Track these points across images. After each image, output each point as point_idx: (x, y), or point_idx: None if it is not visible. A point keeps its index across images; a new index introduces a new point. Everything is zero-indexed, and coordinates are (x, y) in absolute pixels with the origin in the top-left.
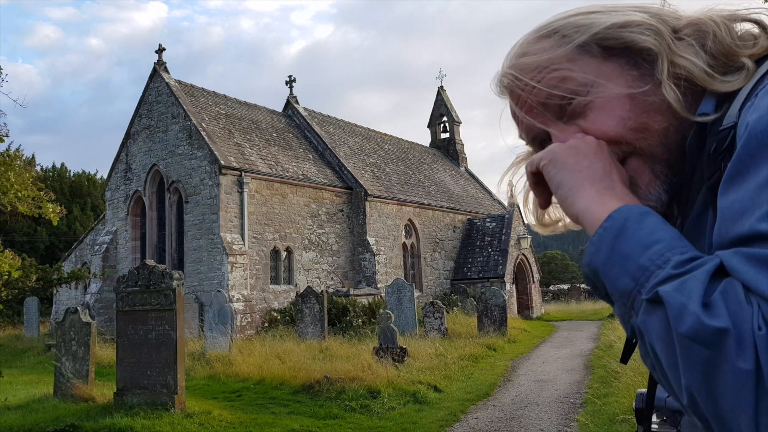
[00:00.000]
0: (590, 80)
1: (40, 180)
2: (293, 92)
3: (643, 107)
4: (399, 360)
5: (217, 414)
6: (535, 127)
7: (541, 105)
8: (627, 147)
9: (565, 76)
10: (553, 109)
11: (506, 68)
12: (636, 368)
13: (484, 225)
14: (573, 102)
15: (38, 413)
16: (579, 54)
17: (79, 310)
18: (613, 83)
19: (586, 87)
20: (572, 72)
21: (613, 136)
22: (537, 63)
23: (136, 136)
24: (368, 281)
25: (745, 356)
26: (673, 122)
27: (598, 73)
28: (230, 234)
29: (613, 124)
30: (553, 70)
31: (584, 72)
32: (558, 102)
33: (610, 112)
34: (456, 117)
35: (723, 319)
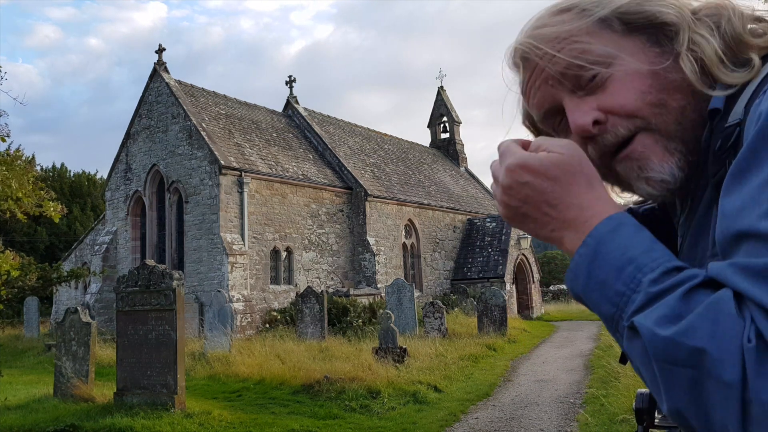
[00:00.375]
0: (612, 53)
1: (41, 180)
2: (293, 92)
3: (663, 84)
4: (399, 360)
5: (217, 414)
6: (549, 99)
7: (558, 76)
8: (642, 122)
9: (585, 48)
10: (570, 81)
11: (523, 38)
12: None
13: (484, 225)
14: (593, 74)
15: (38, 413)
16: (600, 28)
17: (79, 310)
18: (635, 58)
19: (608, 60)
20: (592, 45)
21: (631, 110)
22: (556, 34)
23: (136, 136)
24: (368, 281)
25: (728, 369)
26: (690, 101)
27: (618, 47)
28: (230, 234)
29: (633, 97)
30: (573, 42)
31: (605, 46)
32: (576, 73)
33: (630, 86)
34: (456, 117)
35: (699, 337)
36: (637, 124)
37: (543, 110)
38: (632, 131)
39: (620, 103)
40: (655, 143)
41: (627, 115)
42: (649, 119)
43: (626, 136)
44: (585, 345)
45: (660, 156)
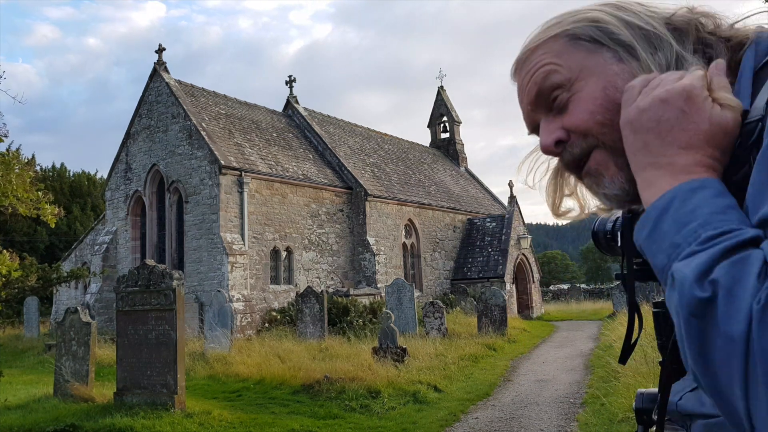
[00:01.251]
0: (574, 76)
1: (40, 180)
2: (293, 92)
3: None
4: (399, 360)
5: (217, 414)
6: (531, 120)
7: (532, 103)
8: (593, 140)
9: (551, 71)
10: (543, 103)
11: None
12: (636, 368)
13: (484, 225)
14: (557, 98)
15: (38, 413)
16: (571, 46)
17: (79, 310)
18: (594, 78)
19: (570, 82)
20: (559, 68)
21: (583, 129)
22: (531, 56)
23: (136, 136)
24: (368, 281)
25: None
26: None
27: (582, 67)
28: (230, 234)
29: (584, 117)
30: (542, 65)
31: (570, 66)
32: (545, 97)
33: (584, 107)
34: (456, 117)
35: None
36: (590, 142)
37: (531, 127)
38: (585, 149)
39: (575, 123)
40: (608, 159)
41: (581, 134)
42: (598, 137)
43: (579, 154)
44: (585, 345)
45: (611, 172)
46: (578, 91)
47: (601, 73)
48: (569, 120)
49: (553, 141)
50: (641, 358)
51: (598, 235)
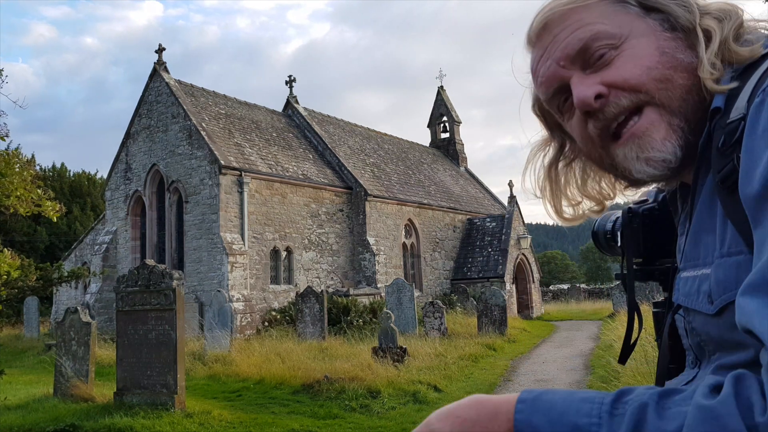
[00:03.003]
0: (623, 34)
1: (40, 179)
2: (293, 92)
3: (671, 63)
4: (399, 360)
5: (217, 414)
6: (558, 77)
7: (569, 54)
8: (645, 96)
9: (599, 29)
10: (580, 61)
11: (538, 17)
12: (636, 368)
13: (484, 225)
14: (603, 55)
15: (38, 413)
16: (615, 8)
17: (79, 309)
18: (645, 39)
19: (619, 41)
20: (605, 26)
21: (635, 84)
22: (570, 9)
23: (136, 136)
24: (368, 281)
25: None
26: (696, 83)
27: (631, 28)
28: (230, 234)
29: (638, 72)
30: (587, 23)
31: (618, 26)
32: (587, 54)
33: (636, 62)
34: (456, 117)
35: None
36: (640, 98)
37: (551, 89)
38: (635, 104)
39: (624, 76)
40: (660, 118)
41: (630, 89)
42: (653, 94)
43: (628, 107)
44: (585, 345)
45: (663, 133)
46: (628, 49)
47: (652, 35)
48: (617, 74)
49: (594, 93)
50: (641, 357)
51: (598, 235)
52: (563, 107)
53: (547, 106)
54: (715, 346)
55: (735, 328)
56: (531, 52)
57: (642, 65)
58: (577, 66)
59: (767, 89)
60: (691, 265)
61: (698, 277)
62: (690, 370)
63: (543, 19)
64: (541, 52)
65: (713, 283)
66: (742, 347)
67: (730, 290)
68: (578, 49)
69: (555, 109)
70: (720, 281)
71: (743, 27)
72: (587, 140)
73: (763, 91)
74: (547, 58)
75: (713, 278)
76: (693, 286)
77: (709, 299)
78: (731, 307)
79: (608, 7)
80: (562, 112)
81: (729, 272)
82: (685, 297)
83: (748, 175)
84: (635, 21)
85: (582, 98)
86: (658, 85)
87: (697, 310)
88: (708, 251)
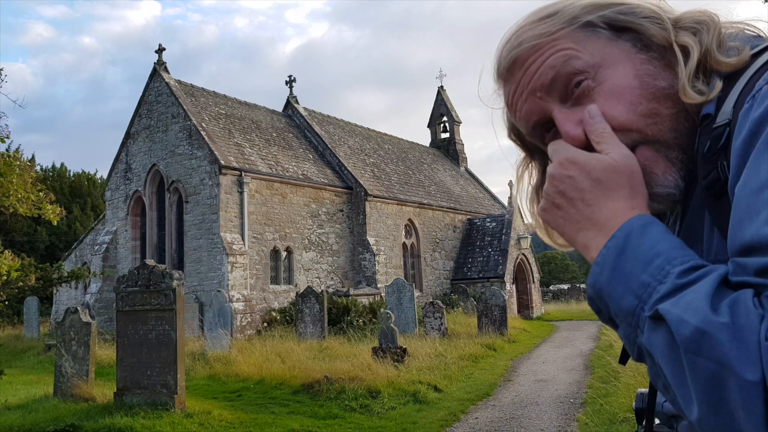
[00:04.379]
0: (597, 62)
1: (40, 180)
2: (293, 92)
3: (653, 92)
4: (399, 360)
5: (217, 414)
6: (537, 111)
7: (544, 84)
8: (638, 135)
9: (570, 55)
10: (558, 92)
11: (506, 52)
12: (636, 368)
13: (484, 225)
14: (580, 84)
15: (38, 413)
16: (586, 34)
17: (79, 310)
18: (621, 66)
19: (594, 69)
20: (578, 52)
21: (623, 123)
22: (539, 44)
23: (136, 136)
24: (368, 281)
25: (750, 367)
26: (681, 108)
27: (604, 55)
28: (230, 234)
29: (624, 110)
30: (557, 51)
31: (591, 54)
32: (563, 84)
33: (619, 98)
34: (456, 117)
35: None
36: (633, 137)
37: (531, 123)
38: (629, 145)
39: (611, 115)
40: (657, 155)
41: (620, 128)
42: (644, 131)
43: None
44: (585, 345)
45: (663, 168)
46: (606, 80)
47: (627, 61)
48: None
49: (582, 132)
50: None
51: None
52: (547, 140)
53: (529, 138)
54: None
55: None
56: (503, 87)
57: (625, 101)
58: (555, 97)
59: (756, 96)
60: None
61: None
62: None
63: (512, 56)
64: (514, 86)
65: None
66: None
67: None
68: (552, 77)
69: (538, 141)
70: None
71: (723, 34)
72: None
73: (752, 97)
74: (521, 91)
75: None
76: None
77: None
78: None
79: (577, 34)
80: (547, 144)
81: None
82: None
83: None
84: (607, 47)
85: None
86: (646, 122)
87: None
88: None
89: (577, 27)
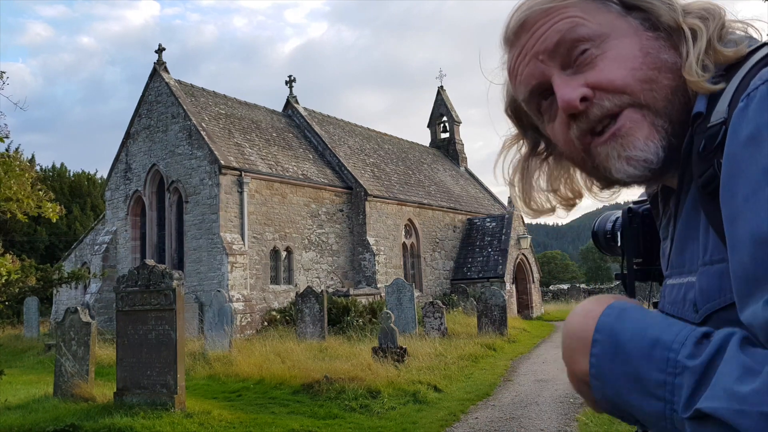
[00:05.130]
0: (605, 32)
1: (40, 180)
2: (293, 92)
3: (656, 63)
4: (399, 360)
5: (217, 414)
6: (537, 75)
7: (548, 48)
8: (630, 98)
9: (578, 23)
10: (561, 57)
11: (516, 16)
12: None
13: (484, 225)
14: (583, 50)
15: (38, 413)
16: (596, 6)
17: (79, 310)
18: (628, 39)
19: (600, 38)
20: (586, 21)
21: (620, 85)
22: (549, 8)
23: (135, 136)
24: (368, 281)
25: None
26: (680, 84)
27: (613, 27)
28: (230, 234)
29: (623, 73)
30: (566, 17)
31: (599, 24)
32: (568, 48)
33: (621, 63)
34: (456, 117)
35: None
36: (625, 100)
37: (530, 87)
38: (620, 106)
39: (609, 78)
40: (643, 119)
41: (615, 91)
42: (638, 95)
43: (612, 109)
44: None
45: (646, 133)
46: (611, 50)
47: (634, 35)
48: (601, 75)
49: (579, 95)
50: None
51: (598, 235)
52: (543, 108)
53: (526, 107)
54: None
55: None
56: (508, 52)
57: (626, 66)
58: (557, 62)
59: (751, 94)
60: (677, 273)
61: (684, 285)
62: None
63: (521, 18)
64: (519, 50)
65: (697, 292)
66: None
67: (714, 299)
68: (556, 41)
69: (534, 110)
70: (704, 290)
71: (725, 27)
72: (570, 143)
73: (747, 96)
74: (525, 54)
75: (697, 287)
76: (679, 294)
77: (694, 308)
78: (715, 317)
79: (588, 4)
80: (542, 113)
81: (712, 281)
82: (671, 305)
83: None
84: (617, 20)
85: (567, 100)
86: (642, 86)
87: (683, 318)
88: (693, 259)
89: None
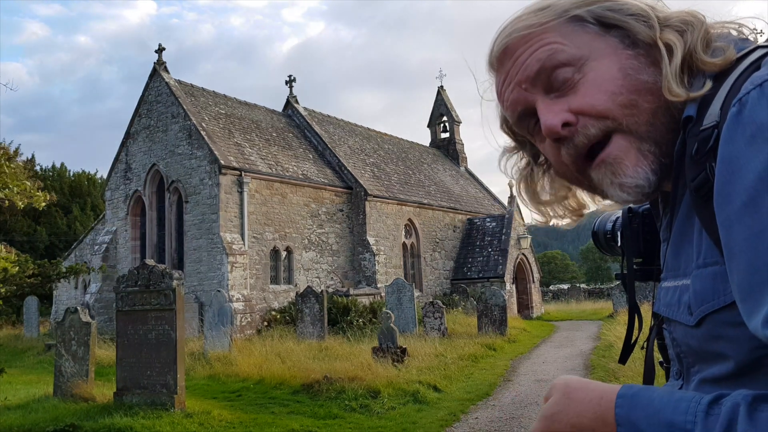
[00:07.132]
0: (584, 55)
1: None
2: (293, 92)
3: (635, 85)
4: (399, 360)
5: (217, 414)
6: (522, 101)
7: (529, 76)
8: (613, 123)
9: (557, 50)
10: (543, 83)
11: (498, 42)
12: (636, 368)
13: (484, 225)
14: (564, 77)
15: (38, 413)
16: (574, 28)
17: (79, 309)
18: (607, 60)
19: (580, 61)
20: (565, 46)
21: (601, 111)
22: (528, 34)
23: (135, 136)
24: (368, 281)
25: None
26: (661, 104)
27: (591, 49)
28: (230, 234)
29: (603, 98)
30: (545, 45)
31: (577, 47)
32: (548, 75)
33: (600, 87)
34: (456, 117)
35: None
36: (608, 125)
37: (516, 113)
38: (603, 131)
39: (591, 103)
40: (630, 146)
41: (598, 116)
42: (620, 120)
43: (597, 135)
44: (585, 345)
45: (634, 160)
46: (590, 71)
47: (613, 55)
48: (582, 100)
49: (560, 121)
50: (641, 358)
51: (598, 235)
52: (533, 130)
53: (517, 129)
54: (694, 357)
55: (714, 340)
56: (494, 77)
57: (606, 90)
58: (540, 89)
59: (743, 99)
60: (672, 275)
61: (679, 288)
62: (674, 381)
63: (503, 44)
64: (503, 77)
65: (692, 295)
66: (721, 359)
67: (708, 302)
68: (537, 70)
69: (525, 132)
70: (698, 292)
71: (710, 33)
72: (562, 165)
73: (739, 101)
74: (509, 82)
75: (692, 289)
76: (674, 296)
77: (689, 310)
78: (710, 319)
79: (566, 27)
80: (533, 134)
81: (705, 283)
82: (666, 307)
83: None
84: (595, 41)
85: (549, 126)
86: (624, 111)
87: (677, 320)
88: (688, 261)
89: (566, 20)
